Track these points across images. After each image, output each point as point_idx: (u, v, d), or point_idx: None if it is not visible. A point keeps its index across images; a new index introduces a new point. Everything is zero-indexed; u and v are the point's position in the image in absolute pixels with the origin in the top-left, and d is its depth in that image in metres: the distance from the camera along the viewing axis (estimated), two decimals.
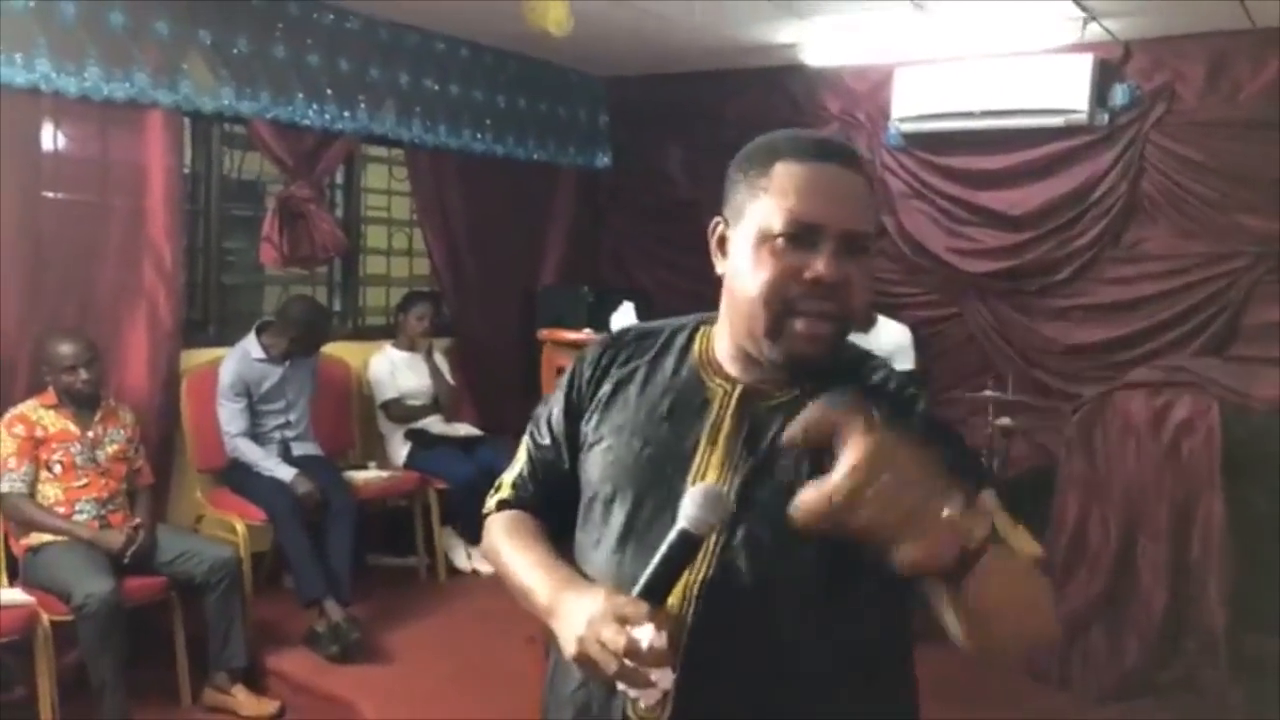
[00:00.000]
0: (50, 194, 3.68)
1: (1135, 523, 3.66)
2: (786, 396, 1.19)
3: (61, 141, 3.70)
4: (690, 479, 1.17)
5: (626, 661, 1.00)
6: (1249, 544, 3.51)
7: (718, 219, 1.24)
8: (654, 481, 1.20)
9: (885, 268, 5.06)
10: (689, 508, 1.05)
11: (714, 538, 1.12)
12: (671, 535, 1.05)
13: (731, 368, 1.23)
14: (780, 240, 1.14)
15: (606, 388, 1.29)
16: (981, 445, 4.21)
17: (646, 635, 1.00)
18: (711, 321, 1.29)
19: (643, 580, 1.05)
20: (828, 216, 1.13)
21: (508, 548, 1.30)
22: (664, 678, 1.03)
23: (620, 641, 1.00)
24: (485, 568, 4.44)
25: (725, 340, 1.24)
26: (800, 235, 1.13)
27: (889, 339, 4.68)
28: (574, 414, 1.32)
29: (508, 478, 1.39)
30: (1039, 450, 4.47)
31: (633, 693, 1.06)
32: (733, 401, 1.20)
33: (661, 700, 1.11)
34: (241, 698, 3.44)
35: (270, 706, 3.46)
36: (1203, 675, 3.52)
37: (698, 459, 1.18)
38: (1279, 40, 3.97)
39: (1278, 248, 4.08)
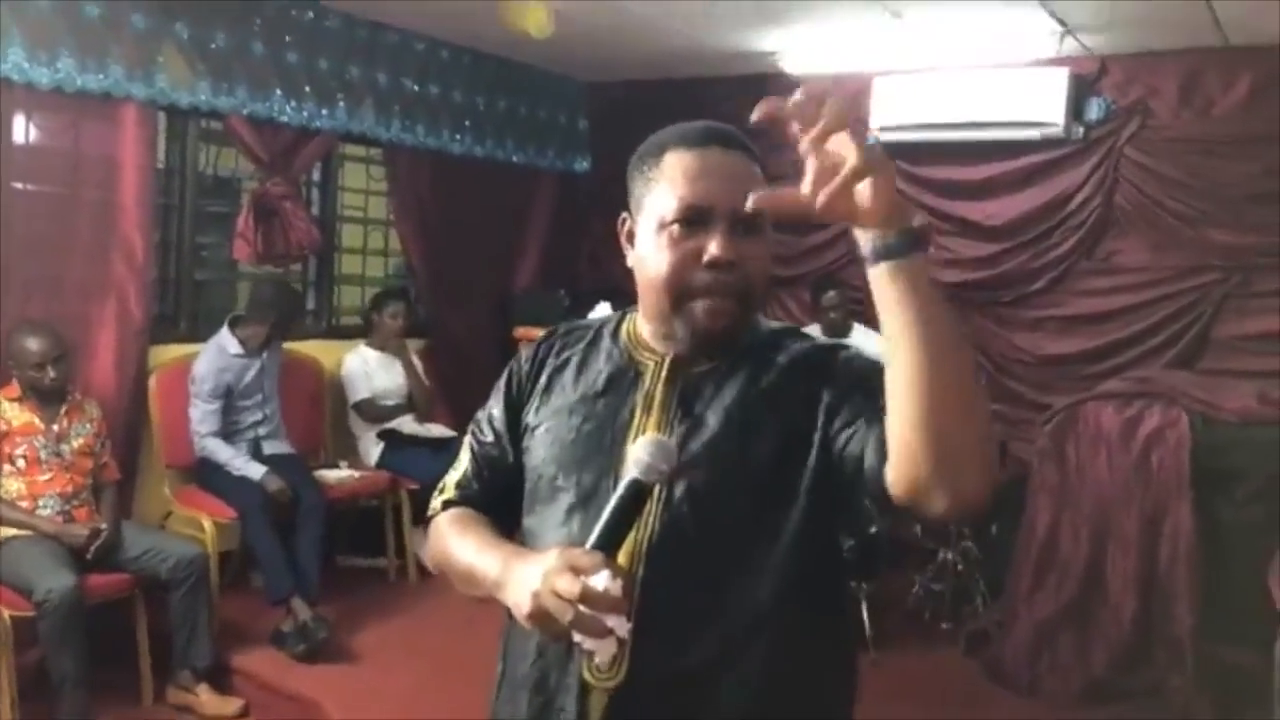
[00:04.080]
0: (20, 185, 3.63)
1: (1105, 532, 3.68)
2: (714, 363, 1.24)
3: (33, 133, 3.66)
4: (629, 443, 1.20)
5: (583, 609, 1.01)
6: (1217, 554, 3.54)
7: (624, 214, 1.29)
8: (594, 452, 1.24)
9: (863, 277, 5.07)
10: (639, 456, 1.08)
11: (658, 494, 1.15)
12: (621, 487, 1.08)
13: (658, 345, 1.27)
14: (675, 226, 1.19)
15: (543, 378, 1.34)
16: None
17: (602, 581, 1.01)
18: (636, 310, 1.34)
19: (595, 533, 1.07)
20: (716, 198, 1.18)
21: (454, 537, 1.31)
22: (620, 626, 1.04)
23: (576, 589, 1.01)
24: None
25: (647, 322, 1.29)
26: (693, 219, 1.19)
27: (868, 350, 4.69)
28: (514, 408, 1.36)
29: (451, 479, 1.41)
30: (1011, 460, 4.50)
31: (589, 644, 1.06)
32: (664, 370, 1.25)
33: (617, 655, 1.13)
34: (205, 697, 3.39)
35: (233, 705, 3.41)
36: (1170, 683, 3.54)
37: (634, 425, 1.23)
38: (1251, 58, 4.03)
39: (1247, 262, 4.13)
